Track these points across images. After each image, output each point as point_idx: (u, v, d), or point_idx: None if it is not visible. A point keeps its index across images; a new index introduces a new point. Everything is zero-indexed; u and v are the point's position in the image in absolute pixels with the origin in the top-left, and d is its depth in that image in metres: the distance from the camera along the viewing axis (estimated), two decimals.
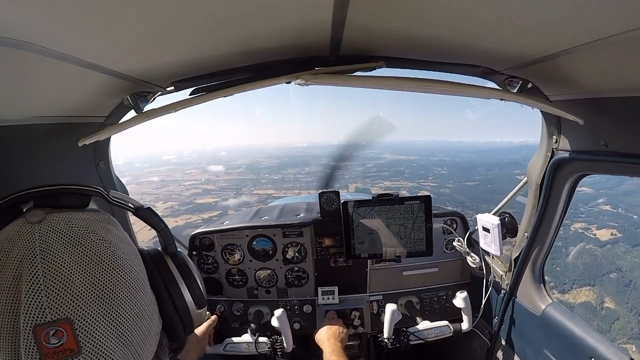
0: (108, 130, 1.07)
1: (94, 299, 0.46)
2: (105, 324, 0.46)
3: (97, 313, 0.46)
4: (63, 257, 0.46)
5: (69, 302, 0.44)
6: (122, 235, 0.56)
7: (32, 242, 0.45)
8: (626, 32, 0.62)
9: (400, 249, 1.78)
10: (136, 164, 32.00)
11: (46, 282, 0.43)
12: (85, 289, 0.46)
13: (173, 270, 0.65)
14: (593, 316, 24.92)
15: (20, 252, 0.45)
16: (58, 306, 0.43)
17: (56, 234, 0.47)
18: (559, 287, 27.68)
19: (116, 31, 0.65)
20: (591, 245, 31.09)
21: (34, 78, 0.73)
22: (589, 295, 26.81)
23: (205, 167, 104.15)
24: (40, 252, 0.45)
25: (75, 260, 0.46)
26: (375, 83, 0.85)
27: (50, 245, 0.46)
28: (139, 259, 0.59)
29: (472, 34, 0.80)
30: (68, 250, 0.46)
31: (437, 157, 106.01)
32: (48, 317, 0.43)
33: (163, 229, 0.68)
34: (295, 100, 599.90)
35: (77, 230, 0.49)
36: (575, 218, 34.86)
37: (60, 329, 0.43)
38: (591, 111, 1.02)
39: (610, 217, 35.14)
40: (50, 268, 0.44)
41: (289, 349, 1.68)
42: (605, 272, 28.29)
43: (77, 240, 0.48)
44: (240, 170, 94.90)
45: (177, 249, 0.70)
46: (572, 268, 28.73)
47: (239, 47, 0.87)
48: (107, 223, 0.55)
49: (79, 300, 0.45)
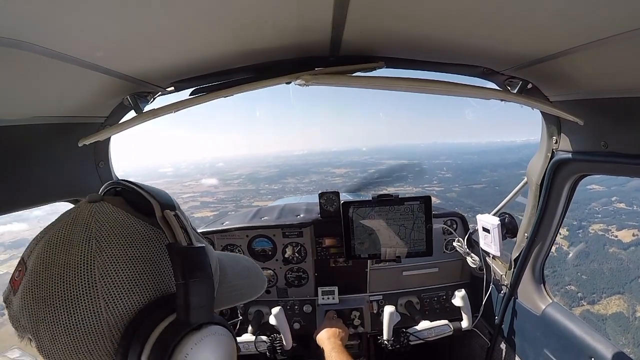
0: (108, 131, 1.07)
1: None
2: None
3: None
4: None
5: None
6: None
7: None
8: (626, 32, 0.62)
9: (400, 249, 1.78)
10: (131, 178, 32.38)
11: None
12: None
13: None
14: (627, 328, 23.59)
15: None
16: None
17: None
18: (588, 298, 26.22)
19: (116, 31, 0.65)
20: (614, 248, 29.87)
21: (34, 78, 0.73)
22: (620, 304, 25.52)
23: (201, 180, 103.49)
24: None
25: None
26: (375, 83, 0.85)
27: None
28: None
29: (472, 34, 0.80)
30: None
31: (439, 159, 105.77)
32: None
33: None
34: (295, 103, 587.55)
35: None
36: (592, 219, 33.82)
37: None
38: (591, 111, 1.02)
39: (628, 216, 34.04)
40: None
41: (289, 347, 1.68)
42: (634, 277, 27.10)
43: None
44: (239, 180, 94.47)
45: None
46: (599, 275, 27.43)
47: (239, 47, 0.87)
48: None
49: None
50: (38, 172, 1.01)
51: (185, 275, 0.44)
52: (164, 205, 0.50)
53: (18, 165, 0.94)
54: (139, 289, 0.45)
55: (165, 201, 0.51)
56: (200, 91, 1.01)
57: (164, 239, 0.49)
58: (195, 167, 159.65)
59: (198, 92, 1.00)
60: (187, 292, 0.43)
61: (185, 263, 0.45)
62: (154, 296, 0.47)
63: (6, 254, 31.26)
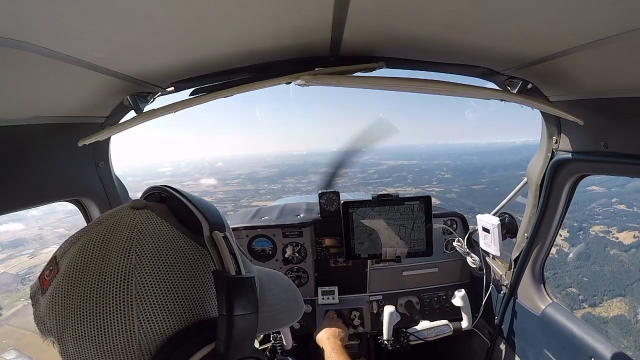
0: (108, 131, 1.07)
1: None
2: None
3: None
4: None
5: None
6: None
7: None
8: (626, 32, 0.62)
9: (400, 249, 1.78)
10: (128, 178, 31.33)
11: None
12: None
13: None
14: (629, 331, 23.50)
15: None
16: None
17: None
18: (589, 301, 26.06)
19: (116, 31, 0.65)
20: (615, 250, 29.68)
21: (34, 78, 0.73)
22: (621, 307, 25.39)
23: (200, 180, 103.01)
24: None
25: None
26: (375, 83, 0.85)
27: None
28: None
29: (472, 35, 0.80)
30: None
31: (439, 160, 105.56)
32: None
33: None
34: (295, 103, 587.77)
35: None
36: (592, 220, 33.64)
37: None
38: (591, 112, 1.02)
39: (629, 218, 33.82)
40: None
41: (289, 346, 1.68)
42: (635, 279, 26.92)
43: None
44: (239, 180, 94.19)
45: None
46: (600, 277, 27.33)
47: (239, 47, 0.87)
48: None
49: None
50: (38, 172, 1.01)
51: (231, 309, 0.40)
52: (213, 225, 0.45)
53: (18, 165, 0.94)
54: (176, 312, 0.42)
55: (215, 219, 0.47)
56: (200, 91, 1.01)
57: (209, 260, 0.46)
58: (195, 167, 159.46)
59: (198, 92, 1.00)
60: (230, 327, 0.39)
61: (231, 295, 0.40)
62: (192, 321, 0.43)
63: (4, 253, 31.23)
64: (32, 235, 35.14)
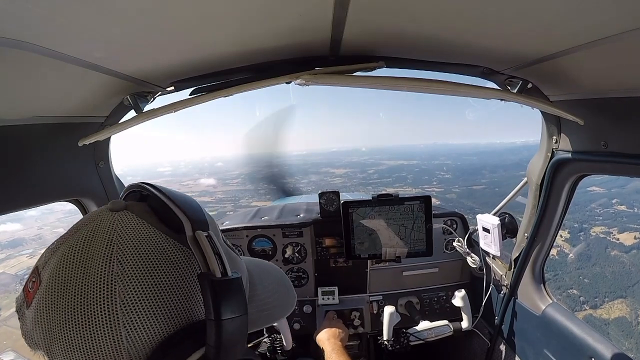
0: (108, 130, 1.08)
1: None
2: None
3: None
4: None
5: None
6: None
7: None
8: (626, 32, 0.62)
9: (400, 249, 1.78)
10: (128, 177, 31.53)
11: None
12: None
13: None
14: (630, 333, 23.36)
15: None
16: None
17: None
18: (590, 302, 25.82)
19: (116, 31, 0.65)
20: (616, 251, 29.37)
21: (34, 78, 0.73)
22: (623, 308, 25.14)
23: (200, 180, 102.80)
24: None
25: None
26: (375, 83, 0.85)
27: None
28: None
29: (472, 34, 0.80)
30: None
31: (439, 160, 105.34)
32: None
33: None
34: (295, 103, 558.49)
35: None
36: (593, 221, 33.32)
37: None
38: (591, 111, 1.02)
39: (629, 219, 33.52)
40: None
41: (289, 347, 1.67)
42: (636, 281, 26.67)
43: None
44: (238, 180, 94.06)
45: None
46: (601, 278, 27.09)
47: (239, 47, 0.87)
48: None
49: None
50: (38, 172, 1.01)
51: (219, 313, 0.38)
52: (196, 224, 0.44)
53: (18, 165, 0.94)
54: (164, 318, 0.41)
55: (197, 217, 0.45)
56: (200, 91, 1.01)
57: (194, 260, 0.45)
58: (194, 167, 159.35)
59: (198, 92, 1.00)
60: (219, 332, 0.38)
61: (218, 299, 0.39)
62: (180, 324, 0.42)
63: (3, 253, 31.20)
64: (31, 235, 35.15)
